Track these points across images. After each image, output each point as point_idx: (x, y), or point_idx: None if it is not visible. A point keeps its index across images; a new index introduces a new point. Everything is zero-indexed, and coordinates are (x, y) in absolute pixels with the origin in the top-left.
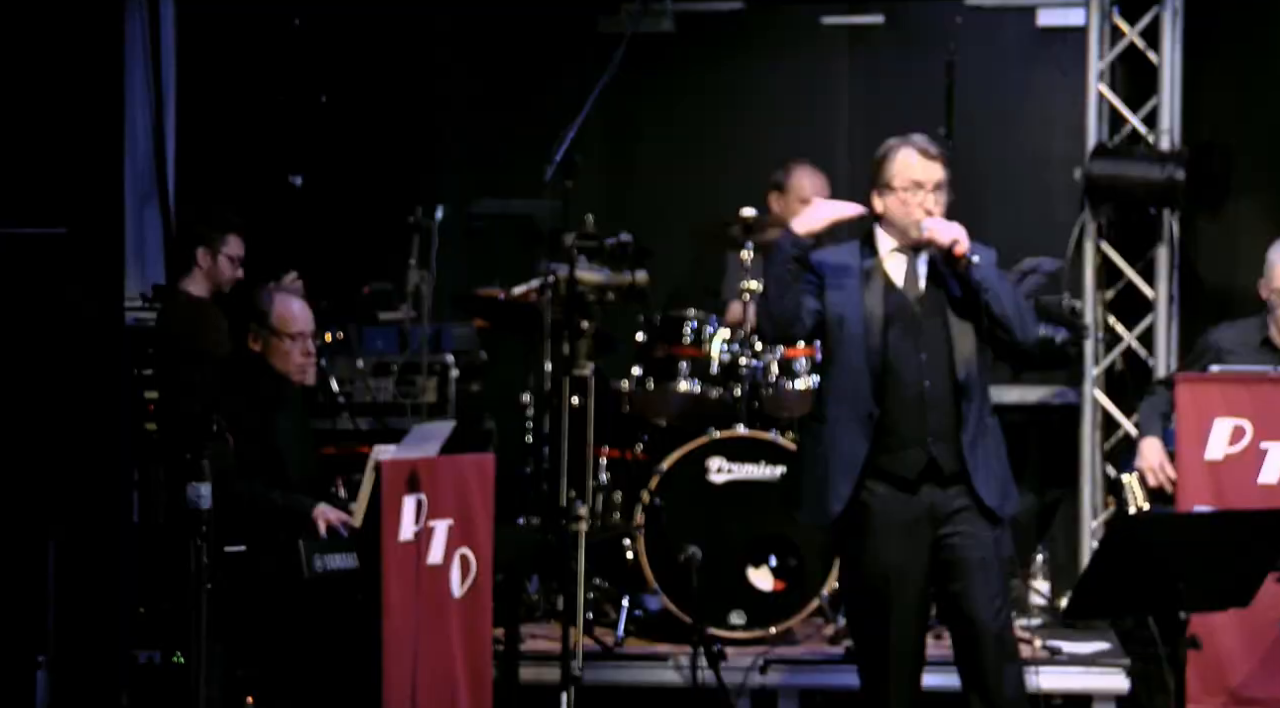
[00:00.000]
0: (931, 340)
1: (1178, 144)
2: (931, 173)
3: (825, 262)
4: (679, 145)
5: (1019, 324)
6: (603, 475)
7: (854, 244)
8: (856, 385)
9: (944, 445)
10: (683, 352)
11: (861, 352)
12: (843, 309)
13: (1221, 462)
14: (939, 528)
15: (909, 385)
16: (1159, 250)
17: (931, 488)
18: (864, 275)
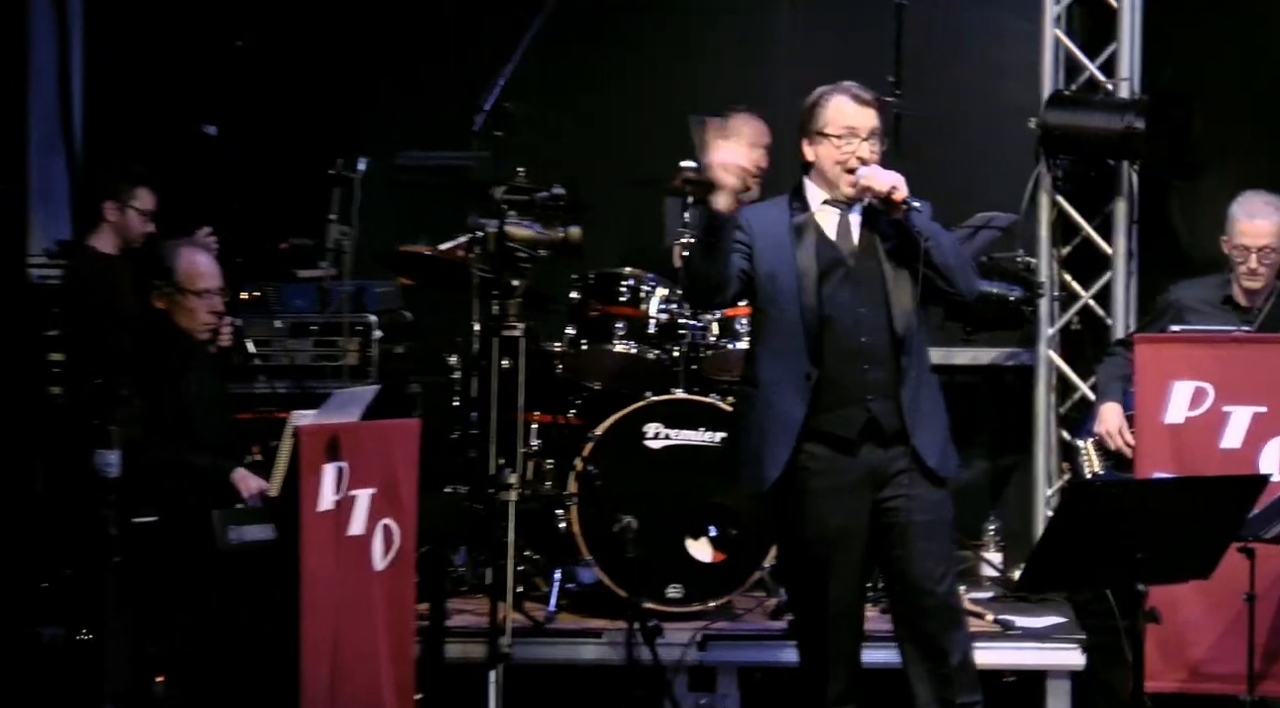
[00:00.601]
0: (868, 294)
1: (1137, 92)
2: (866, 119)
3: (753, 220)
4: (616, 94)
5: (961, 275)
6: (534, 441)
7: (782, 199)
8: (792, 345)
9: (884, 403)
10: (618, 311)
11: (796, 310)
12: (774, 267)
13: (1182, 426)
14: (880, 491)
15: (846, 342)
16: (1117, 204)
17: (872, 448)
18: (795, 231)
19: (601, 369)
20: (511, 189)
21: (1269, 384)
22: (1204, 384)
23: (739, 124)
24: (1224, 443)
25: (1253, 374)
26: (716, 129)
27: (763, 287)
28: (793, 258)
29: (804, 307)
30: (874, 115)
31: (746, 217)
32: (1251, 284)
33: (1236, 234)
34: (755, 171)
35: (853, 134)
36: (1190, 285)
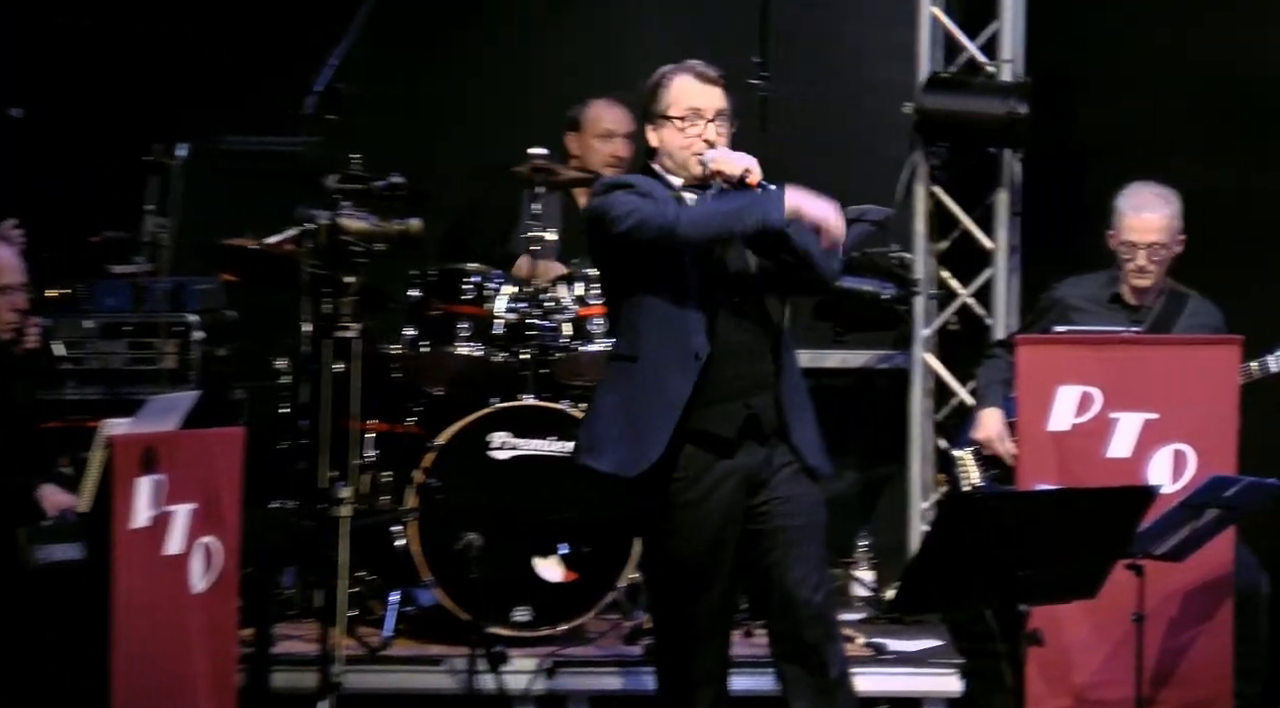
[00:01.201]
0: (740, 284)
1: (1020, 75)
2: (712, 99)
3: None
4: (461, 76)
5: (822, 259)
6: (369, 452)
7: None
8: (679, 322)
9: (764, 398)
10: (462, 310)
11: (684, 285)
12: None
13: (1067, 433)
14: (754, 495)
15: (728, 332)
16: (999, 195)
17: (749, 448)
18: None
19: (443, 373)
20: (345, 177)
21: (1159, 389)
22: (1090, 389)
23: (597, 114)
24: (1111, 452)
25: (1142, 378)
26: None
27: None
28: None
29: (691, 285)
30: (720, 94)
31: (638, 179)
32: (1140, 282)
33: (1123, 229)
34: (617, 161)
35: (697, 115)
36: (1076, 283)
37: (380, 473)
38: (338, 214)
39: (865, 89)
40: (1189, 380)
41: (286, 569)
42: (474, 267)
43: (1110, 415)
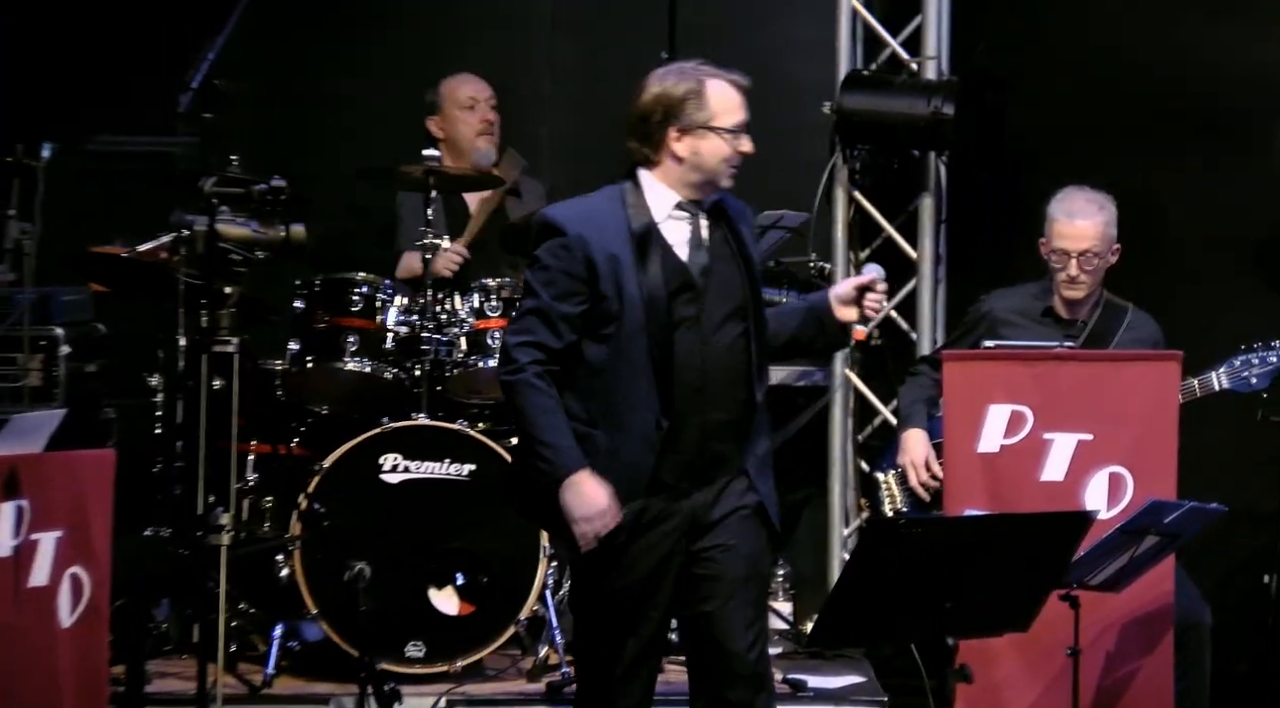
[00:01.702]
0: (722, 318)
1: (946, 73)
2: (745, 111)
3: (587, 234)
4: (347, 71)
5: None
6: (250, 475)
7: (608, 196)
8: (637, 385)
9: (725, 445)
10: (350, 323)
11: (642, 343)
12: (613, 288)
13: (997, 455)
14: (698, 538)
15: (691, 379)
16: (923, 201)
17: (700, 490)
18: (637, 243)
19: (330, 391)
20: (223, 180)
21: (1095, 408)
22: (1021, 408)
23: (454, 88)
24: (1045, 475)
25: (1076, 396)
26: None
27: (600, 311)
28: (636, 278)
29: (651, 339)
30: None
31: (578, 232)
32: (1072, 293)
33: (1055, 236)
34: (489, 127)
35: (745, 129)
36: (1006, 295)
37: (262, 498)
38: (215, 219)
39: (781, 88)
40: (1126, 399)
41: (161, 602)
42: (363, 276)
43: (1043, 436)
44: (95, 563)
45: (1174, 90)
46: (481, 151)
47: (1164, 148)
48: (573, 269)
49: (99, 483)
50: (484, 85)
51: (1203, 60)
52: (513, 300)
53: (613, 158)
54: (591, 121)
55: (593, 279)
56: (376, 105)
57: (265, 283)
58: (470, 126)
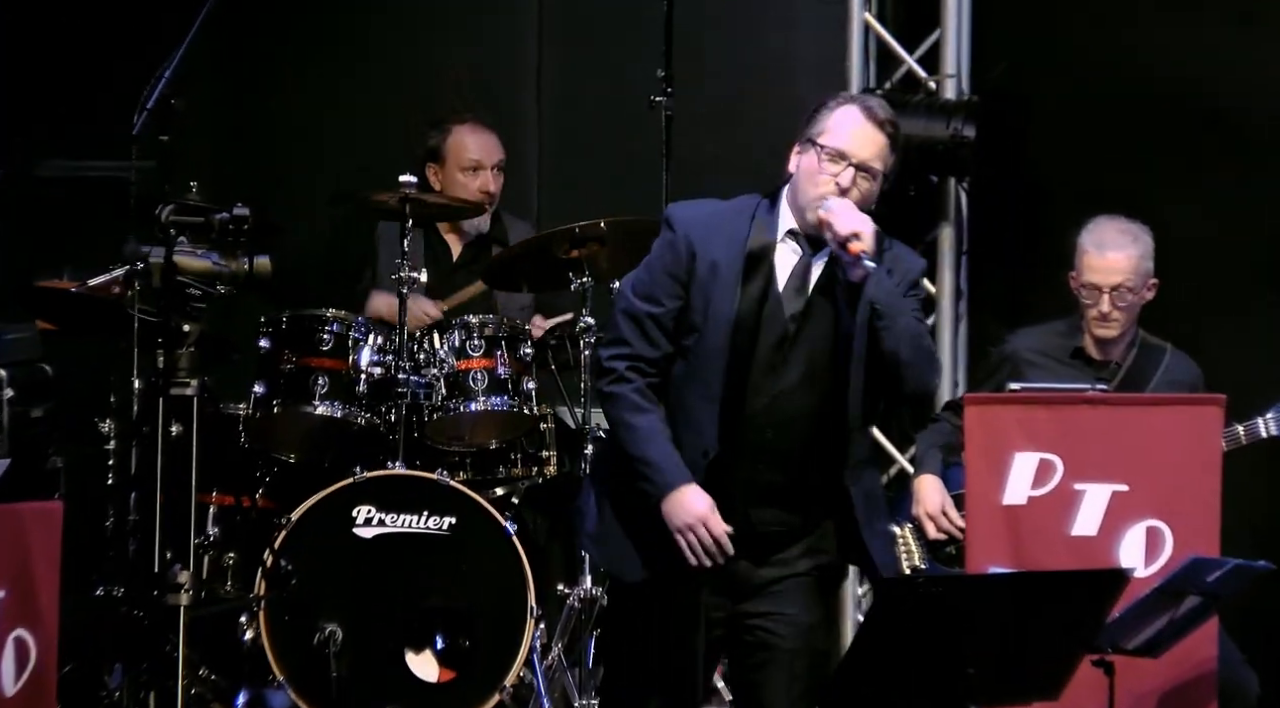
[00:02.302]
0: (800, 372)
1: (966, 92)
2: (867, 145)
3: (698, 233)
4: (318, 89)
5: (913, 369)
6: (211, 529)
7: (748, 206)
8: (702, 406)
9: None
10: (319, 363)
11: (721, 361)
12: (710, 296)
13: (1024, 507)
14: (743, 600)
15: (751, 427)
16: (942, 231)
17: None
18: (748, 258)
19: (298, 437)
20: (181, 208)
21: (1130, 456)
22: (1050, 456)
23: (460, 144)
24: (1075, 529)
25: (1110, 444)
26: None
27: (689, 316)
28: (735, 293)
29: (730, 362)
30: (884, 145)
31: (686, 231)
32: (1104, 332)
33: (1085, 269)
34: (488, 198)
35: (842, 156)
36: (1032, 334)
37: (224, 554)
38: (173, 251)
39: (786, 108)
40: (1164, 446)
41: (113, 667)
42: (333, 313)
43: (1073, 487)
44: (41, 625)
45: (1211, 111)
46: (474, 223)
47: (1202, 173)
48: (673, 269)
49: (45, 538)
50: (495, 145)
51: (1240, 79)
52: (497, 339)
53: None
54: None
55: (689, 282)
56: (351, 125)
57: (227, 320)
58: (469, 193)
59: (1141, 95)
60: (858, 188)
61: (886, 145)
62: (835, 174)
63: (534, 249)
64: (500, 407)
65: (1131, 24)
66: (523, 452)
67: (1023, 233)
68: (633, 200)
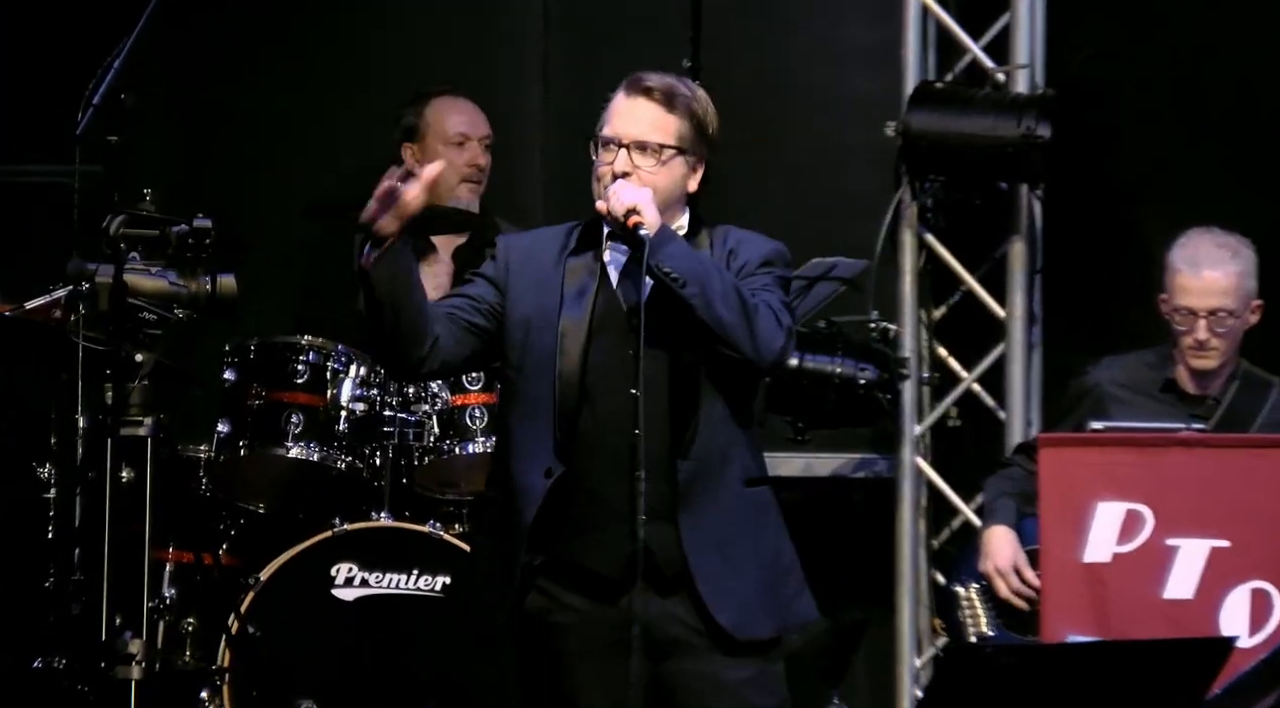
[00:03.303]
0: (652, 368)
1: (1040, 85)
2: (634, 122)
3: (512, 249)
4: (288, 84)
5: (744, 330)
6: (167, 591)
7: (568, 230)
8: (536, 431)
9: (662, 527)
10: (293, 398)
11: (548, 381)
12: (530, 314)
13: (1108, 565)
14: (662, 659)
15: (614, 433)
16: (1012, 246)
17: (645, 595)
18: (568, 270)
19: (267, 484)
20: (133, 220)
21: (1231, 507)
22: (1138, 506)
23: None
24: (1168, 591)
25: (1208, 493)
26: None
27: (512, 344)
28: (555, 307)
29: (560, 377)
30: (657, 115)
31: (505, 245)
32: (1201, 363)
33: (1177, 291)
34: (477, 172)
35: (611, 141)
36: (1116, 364)
37: (182, 619)
38: (123, 269)
39: (832, 105)
40: (1271, 496)
41: None
42: (309, 340)
43: (1165, 542)
44: None
45: None
46: (461, 202)
47: None
48: (491, 273)
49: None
50: (480, 118)
51: None
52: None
53: None
54: None
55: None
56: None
57: (186, 349)
58: (454, 169)
59: (1244, 90)
60: (643, 170)
61: (661, 113)
62: (610, 162)
63: None
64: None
65: (1233, 6)
66: None
67: (1105, 248)
68: None
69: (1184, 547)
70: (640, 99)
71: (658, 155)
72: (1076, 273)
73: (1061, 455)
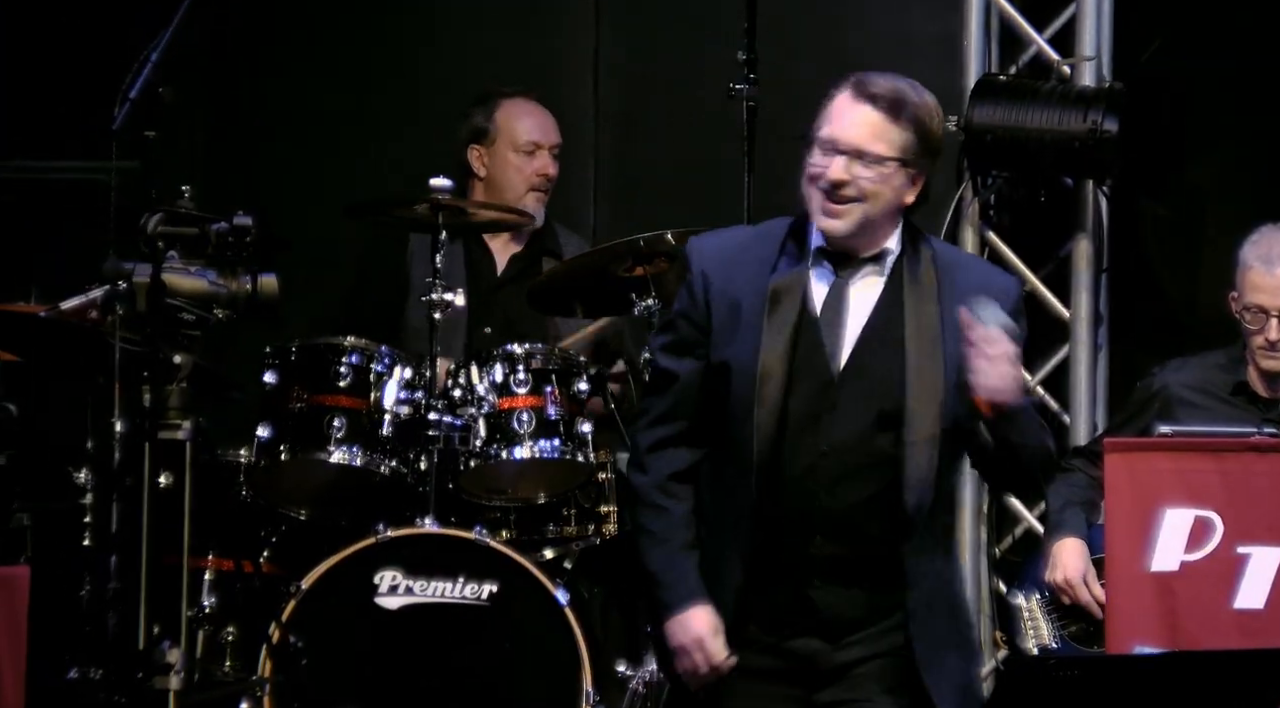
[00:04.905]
0: (854, 417)
1: (1108, 78)
2: (854, 127)
3: (712, 272)
4: (330, 78)
5: (1037, 478)
6: (206, 600)
7: (766, 232)
8: (729, 481)
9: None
10: (335, 402)
11: (748, 425)
12: (730, 353)
13: (1176, 575)
14: (819, 688)
15: (796, 492)
16: (1077, 245)
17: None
18: (770, 299)
19: (309, 490)
20: (171, 217)
21: None
22: (1207, 513)
23: (513, 121)
24: (1239, 601)
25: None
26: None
27: (713, 381)
28: (756, 343)
29: (759, 424)
30: (879, 122)
31: (700, 266)
32: (1273, 364)
33: (1249, 289)
34: (546, 182)
35: (829, 143)
36: (1185, 366)
37: (222, 628)
38: (161, 268)
39: None
40: None
41: None
42: (352, 342)
43: (1236, 550)
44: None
45: None
46: (528, 211)
47: None
48: (693, 314)
49: (8, 609)
50: (551, 125)
51: None
52: (546, 372)
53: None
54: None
55: (709, 329)
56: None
57: (226, 351)
58: (523, 177)
59: None
60: (858, 180)
61: (886, 122)
62: (825, 167)
63: (590, 266)
64: (550, 453)
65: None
66: (577, 507)
67: (1174, 246)
68: (708, 208)
69: (1255, 555)
70: (865, 106)
71: (879, 166)
72: (1144, 271)
73: (1128, 461)
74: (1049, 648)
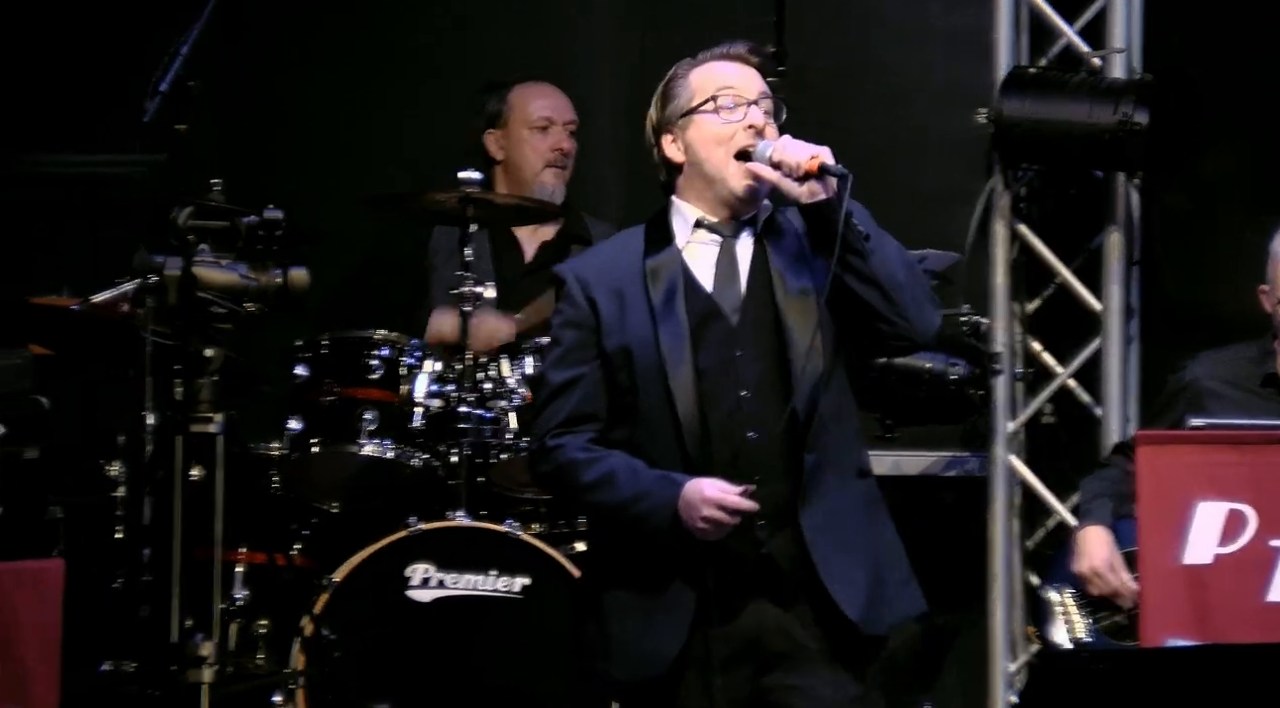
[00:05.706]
0: (761, 361)
1: (1138, 70)
2: (750, 80)
3: (588, 276)
4: (358, 70)
5: (912, 294)
6: (239, 593)
7: (633, 235)
8: (664, 452)
9: (782, 532)
10: (366, 395)
11: (662, 397)
12: (627, 340)
13: (1209, 568)
14: (765, 672)
15: (728, 438)
16: (1108, 237)
17: (762, 608)
18: (649, 278)
19: (341, 483)
20: (201, 211)
21: None
22: (1240, 506)
23: (526, 99)
24: (1273, 594)
25: None
26: None
27: (614, 370)
28: (651, 321)
29: (675, 391)
30: (759, 78)
31: (574, 273)
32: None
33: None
34: (562, 157)
35: (737, 98)
36: (1216, 359)
37: (254, 622)
38: (192, 262)
39: (920, 92)
40: None
41: None
42: (382, 335)
43: (1269, 543)
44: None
45: None
46: (546, 188)
47: None
48: (577, 318)
49: (42, 603)
50: (564, 102)
51: None
52: None
53: None
54: None
55: (598, 326)
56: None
57: (257, 344)
58: (539, 153)
59: None
60: (770, 125)
61: (759, 75)
62: (742, 120)
63: None
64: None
65: None
66: None
67: (1205, 238)
68: None
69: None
70: (746, 66)
71: (772, 114)
72: (1175, 264)
73: (1160, 454)
74: (1083, 642)
